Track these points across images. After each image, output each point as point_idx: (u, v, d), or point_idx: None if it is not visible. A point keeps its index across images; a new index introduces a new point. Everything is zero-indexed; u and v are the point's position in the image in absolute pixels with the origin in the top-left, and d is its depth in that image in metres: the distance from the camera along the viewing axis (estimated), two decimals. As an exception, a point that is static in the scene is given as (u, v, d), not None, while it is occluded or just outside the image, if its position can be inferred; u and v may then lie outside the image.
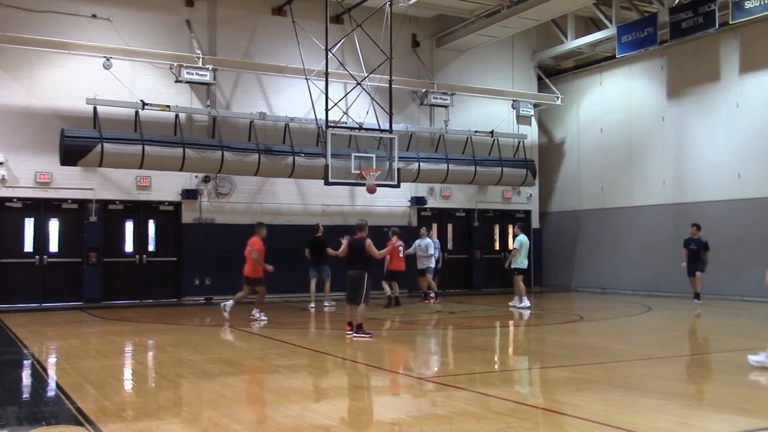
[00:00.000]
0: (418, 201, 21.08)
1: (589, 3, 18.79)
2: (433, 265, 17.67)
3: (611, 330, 13.04)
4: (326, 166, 16.22)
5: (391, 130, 17.01)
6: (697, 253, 16.30)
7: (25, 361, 9.43)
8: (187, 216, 18.30)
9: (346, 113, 17.12)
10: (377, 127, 17.12)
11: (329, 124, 16.28)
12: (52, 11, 16.84)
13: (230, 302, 14.11)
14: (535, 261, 23.14)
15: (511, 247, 23.09)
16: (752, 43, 18.04)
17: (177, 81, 17.52)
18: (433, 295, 17.62)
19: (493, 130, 21.39)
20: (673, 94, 20.00)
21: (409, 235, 20.50)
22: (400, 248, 16.69)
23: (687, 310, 15.97)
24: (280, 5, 19.15)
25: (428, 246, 17.65)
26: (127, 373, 8.93)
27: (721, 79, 18.70)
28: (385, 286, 16.63)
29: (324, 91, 16.41)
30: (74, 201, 17.37)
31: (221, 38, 18.71)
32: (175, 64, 17.42)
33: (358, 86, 17.43)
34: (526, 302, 16.06)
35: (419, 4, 18.67)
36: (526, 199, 22.98)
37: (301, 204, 19.55)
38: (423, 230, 18.27)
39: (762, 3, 15.94)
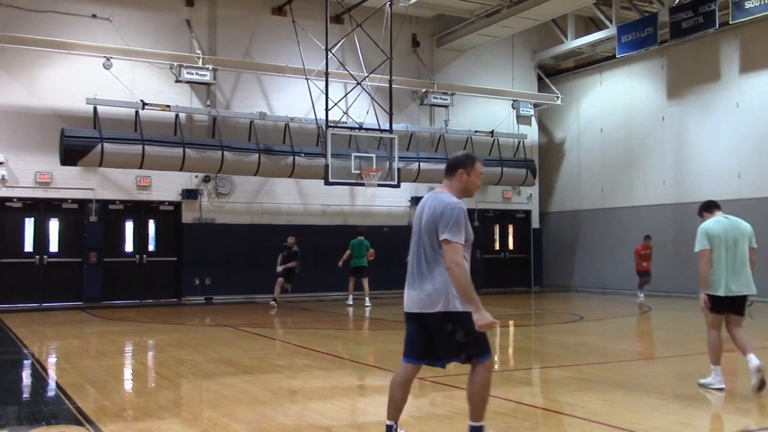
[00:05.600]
0: (418, 201, 21.01)
1: (589, 3, 18.79)
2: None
3: (611, 330, 13.04)
4: (326, 166, 16.23)
5: (391, 130, 17.01)
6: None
7: (25, 361, 9.43)
8: (187, 216, 18.30)
9: (346, 113, 17.12)
10: (377, 127, 17.12)
11: (329, 124, 16.29)
12: (52, 11, 16.84)
13: None
14: (535, 261, 23.17)
15: (511, 247, 23.24)
16: (752, 43, 18.03)
17: (177, 81, 17.52)
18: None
19: (493, 130, 21.38)
20: (673, 94, 19.99)
21: (408, 235, 20.51)
22: None
23: (688, 310, 15.97)
24: (280, 5, 19.15)
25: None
26: (127, 373, 8.92)
27: (721, 79, 18.70)
28: None
29: (324, 91, 16.42)
30: (74, 201, 17.37)
31: (221, 38, 18.71)
32: (175, 64, 17.42)
33: (358, 86, 17.43)
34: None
35: (419, 4, 18.68)
36: (526, 199, 22.98)
37: (301, 204, 19.54)
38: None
39: (762, 3, 15.94)
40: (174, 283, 18.35)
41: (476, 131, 21.18)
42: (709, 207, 7.56)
